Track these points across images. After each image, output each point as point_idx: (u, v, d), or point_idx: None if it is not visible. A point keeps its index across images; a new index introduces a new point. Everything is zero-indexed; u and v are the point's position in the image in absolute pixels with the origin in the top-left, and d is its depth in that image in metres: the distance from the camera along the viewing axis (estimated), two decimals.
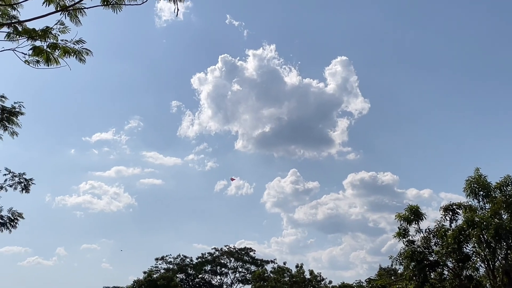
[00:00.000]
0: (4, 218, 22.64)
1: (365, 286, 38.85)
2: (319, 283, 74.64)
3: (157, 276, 69.22)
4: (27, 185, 23.06)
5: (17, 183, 22.84)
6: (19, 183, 22.88)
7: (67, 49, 11.58)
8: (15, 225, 22.80)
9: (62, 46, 11.55)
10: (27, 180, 23.03)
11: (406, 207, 26.41)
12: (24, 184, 22.98)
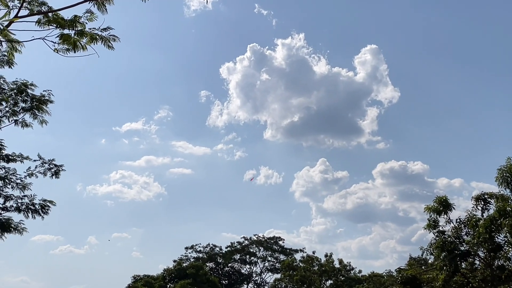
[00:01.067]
0: (36, 205, 22.90)
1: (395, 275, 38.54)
2: (348, 272, 74.43)
3: (187, 265, 69.71)
4: (57, 171, 23.26)
5: (47, 169, 23.04)
6: (49, 169, 23.08)
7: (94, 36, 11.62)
8: (47, 211, 23.06)
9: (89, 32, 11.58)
10: (57, 166, 23.24)
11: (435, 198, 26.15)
12: (54, 170, 23.18)
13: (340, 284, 73.04)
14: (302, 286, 68.01)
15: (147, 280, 66.85)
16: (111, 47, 11.88)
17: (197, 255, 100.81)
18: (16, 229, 22.73)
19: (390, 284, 51.68)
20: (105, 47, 11.80)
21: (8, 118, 22.32)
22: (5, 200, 22.78)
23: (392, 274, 62.35)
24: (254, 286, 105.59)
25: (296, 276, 67.99)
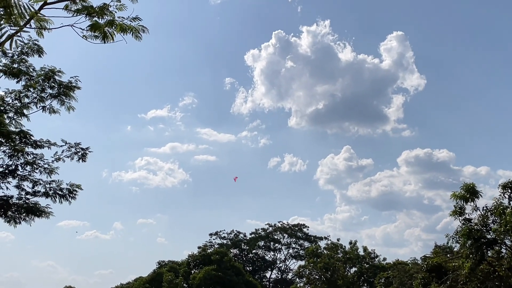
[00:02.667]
0: (63, 190, 23.15)
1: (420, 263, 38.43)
2: (372, 260, 74.32)
3: (211, 251, 70.11)
4: (84, 154, 23.45)
5: (74, 153, 23.25)
6: (76, 153, 23.29)
7: (123, 26, 11.69)
8: (75, 196, 23.31)
9: (119, 23, 11.67)
10: (83, 150, 23.42)
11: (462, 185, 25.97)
12: (81, 153, 23.39)
13: (364, 271, 72.98)
14: (326, 273, 68.08)
15: (172, 266, 67.45)
16: (139, 37, 11.96)
17: (222, 241, 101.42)
18: (43, 213, 23.02)
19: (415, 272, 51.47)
20: (133, 38, 11.89)
21: (36, 104, 22.60)
22: (33, 185, 23.07)
23: (417, 262, 62.05)
24: (278, 273, 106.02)
25: (320, 263, 68.06)
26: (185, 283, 65.41)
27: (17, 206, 22.75)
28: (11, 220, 22.78)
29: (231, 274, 63.63)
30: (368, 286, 71.57)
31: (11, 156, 22.65)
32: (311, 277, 71.70)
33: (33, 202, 23.04)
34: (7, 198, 22.78)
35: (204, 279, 62.41)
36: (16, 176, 22.86)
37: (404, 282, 59.58)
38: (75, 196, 23.39)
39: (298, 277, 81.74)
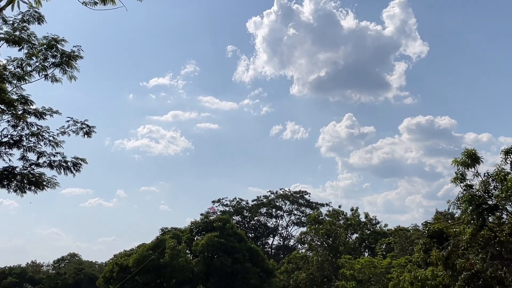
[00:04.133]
0: (68, 162, 23.24)
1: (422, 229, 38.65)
2: (374, 226, 74.82)
3: (214, 218, 70.54)
4: (89, 131, 23.53)
5: (79, 128, 23.31)
6: (81, 128, 23.35)
7: None
8: (79, 169, 23.41)
9: None
10: (89, 127, 23.50)
11: (463, 151, 25.98)
12: (86, 130, 23.46)
13: (366, 237, 73.50)
14: (328, 239, 68.57)
15: (175, 233, 67.90)
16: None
17: (224, 208, 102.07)
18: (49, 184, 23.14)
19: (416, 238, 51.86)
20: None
21: (38, 73, 22.56)
22: (38, 157, 23.15)
23: (418, 228, 62.50)
24: (280, 239, 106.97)
25: (321, 230, 68.50)
26: (188, 249, 65.96)
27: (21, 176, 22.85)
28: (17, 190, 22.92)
29: (234, 241, 64.11)
30: (369, 252, 72.13)
31: (14, 126, 22.68)
32: (313, 243, 72.22)
33: (38, 173, 23.14)
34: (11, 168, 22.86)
35: (207, 246, 62.91)
36: (21, 147, 22.92)
37: (405, 248, 60.05)
38: (79, 169, 23.51)
39: (300, 243, 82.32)
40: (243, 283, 61.51)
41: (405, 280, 30.10)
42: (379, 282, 50.85)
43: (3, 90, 21.81)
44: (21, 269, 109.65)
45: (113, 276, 63.13)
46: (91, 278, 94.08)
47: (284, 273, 72.15)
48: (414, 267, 34.48)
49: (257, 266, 64.23)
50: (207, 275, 62.95)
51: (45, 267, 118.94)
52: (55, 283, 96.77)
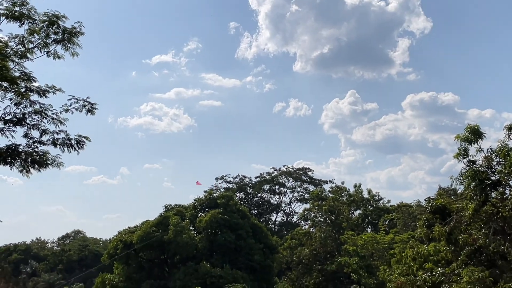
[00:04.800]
0: (72, 140, 23.25)
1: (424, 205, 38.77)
2: (377, 202, 75.02)
3: (217, 195, 70.76)
4: (91, 108, 23.50)
5: (82, 106, 23.29)
6: (84, 106, 23.33)
7: None
8: (82, 146, 23.42)
9: None
10: (91, 104, 23.46)
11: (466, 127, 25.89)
12: (88, 107, 23.43)
13: (369, 214, 73.76)
14: (331, 215, 68.82)
15: (178, 210, 68.16)
16: None
17: (227, 185, 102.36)
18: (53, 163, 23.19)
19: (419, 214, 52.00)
20: None
21: (40, 49, 22.47)
22: (41, 134, 23.15)
23: (421, 204, 62.65)
24: (283, 216, 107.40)
25: (325, 206, 68.71)
26: (191, 226, 66.28)
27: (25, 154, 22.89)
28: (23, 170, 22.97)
29: (237, 217, 64.39)
30: (372, 228, 72.46)
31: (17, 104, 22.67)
32: (316, 219, 72.51)
33: (43, 151, 23.17)
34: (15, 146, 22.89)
35: (210, 222, 63.21)
36: (24, 125, 22.92)
37: (408, 224, 60.29)
38: (83, 147, 23.50)
39: (303, 220, 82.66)
40: (246, 259, 61.91)
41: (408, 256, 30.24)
42: (381, 257, 51.13)
43: (6, 68, 21.75)
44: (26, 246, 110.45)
45: (117, 253, 63.56)
46: (96, 254, 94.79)
47: (287, 249, 72.51)
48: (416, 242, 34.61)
49: (260, 242, 64.59)
50: (210, 251, 63.36)
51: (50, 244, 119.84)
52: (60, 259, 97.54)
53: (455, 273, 25.52)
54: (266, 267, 63.23)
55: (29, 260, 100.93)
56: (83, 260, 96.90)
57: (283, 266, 73.25)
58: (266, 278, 62.00)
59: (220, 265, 59.47)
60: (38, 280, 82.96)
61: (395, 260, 33.48)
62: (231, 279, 53.29)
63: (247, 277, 57.41)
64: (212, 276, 56.54)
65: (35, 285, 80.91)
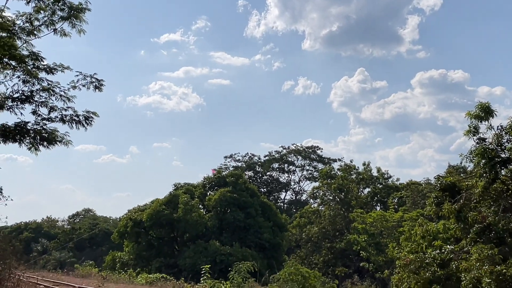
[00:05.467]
0: (80, 116, 23.23)
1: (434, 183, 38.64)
2: (386, 180, 74.96)
3: (226, 174, 70.88)
4: (98, 85, 23.43)
5: (89, 82, 23.22)
6: (91, 82, 23.25)
7: None
8: (91, 122, 23.40)
9: None
10: (98, 80, 23.38)
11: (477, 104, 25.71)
12: (96, 84, 23.36)
13: (378, 192, 73.78)
14: (340, 194, 68.93)
15: (187, 188, 68.34)
16: None
17: (236, 164, 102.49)
18: (62, 141, 23.22)
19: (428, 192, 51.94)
20: None
21: (47, 27, 22.40)
22: (49, 111, 23.15)
23: (430, 182, 62.58)
24: (292, 194, 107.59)
25: (334, 184, 68.81)
26: (200, 204, 66.51)
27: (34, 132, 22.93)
28: (31, 147, 23.02)
29: (246, 196, 64.52)
30: (381, 206, 72.50)
31: (25, 81, 22.67)
32: (325, 198, 72.68)
33: (51, 129, 23.20)
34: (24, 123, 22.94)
35: (220, 201, 63.40)
36: (33, 102, 22.93)
37: (417, 202, 60.27)
38: (91, 123, 23.48)
39: (312, 198, 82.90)
40: (255, 237, 62.13)
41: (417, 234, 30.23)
42: (390, 235, 51.22)
43: (14, 46, 21.74)
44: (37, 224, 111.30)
45: (127, 231, 63.93)
46: (106, 232, 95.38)
47: (296, 227, 72.79)
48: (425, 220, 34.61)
49: (269, 221, 64.75)
50: (220, 230, 63.62)
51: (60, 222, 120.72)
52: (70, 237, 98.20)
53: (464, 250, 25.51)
54: (275, 245, 63.44)
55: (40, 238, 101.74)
56: (94, 238, 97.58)
57: (292, 244, 73.57)
58: (275, 256, 62.21)
59: (230, 243, 59.73)
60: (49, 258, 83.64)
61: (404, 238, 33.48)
62: (241, 257, 53.46)
63: (256, 255, 57.63)
64: (222, 254, 56.81)
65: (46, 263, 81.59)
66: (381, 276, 46.78)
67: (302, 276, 35.48)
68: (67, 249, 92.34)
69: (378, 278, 49.73)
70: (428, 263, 26.15)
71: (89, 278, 53.99)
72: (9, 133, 22.46)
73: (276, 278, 36.17)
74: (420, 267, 26.28)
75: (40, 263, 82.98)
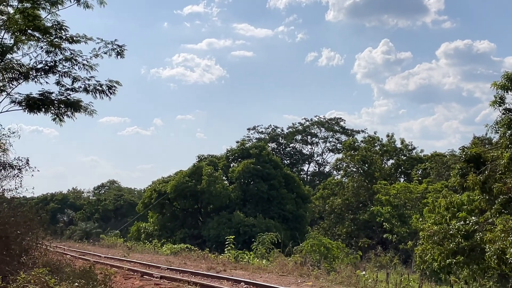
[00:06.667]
0: (103, 86, 23.33)
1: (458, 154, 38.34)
2: (410, 152, 74.50)
3: (250, 145, 70.92)
4: (120, 51, 23.40)
5: (111, 49, 23.22)
6: (113, 49, 23.25)
7: None
8: (114, 92, 23.49)
9: None
10: (120, 46, 23.36)
11: (503, 74, 25.35)
12: (117, 50, 23.35)
13: (402, 163, 73.42)
14: (363, 165, 68.70)
15: (211, 160, 68.53)
16: None
17: (259, 136, 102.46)
18: (86, 110, 23.39)
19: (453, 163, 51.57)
20: None
21: None
22: (73, 81, 23.29)
23: (455, 153, 62.07)
24: (315, 166, 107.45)
25: (357, 156, 68.57)
26: (224, 176, 66.75)
27: (58, 101, 23.13)
28: (56, 117, 23.23)
29: (269, 167, 64.54)
30: (405, 178, 72.20)
31: (48, 52, 22.77)
32: (348, 169, 72.52)
33: (75, 99, 23.38)
34: (48, 93, 23.13)
35: (243, 172, 63.55)
36: (56, 73, 23.07)
37: (442, 173, 59.91)
38: (114, 92, 23.58)
39: (335, 170, 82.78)
40: (279, 209, 62.29)
41: (441, 205, 30.14)
42: (414, 207, 51.10)
43: (38, 17, 21.83)
44: (63, 195, 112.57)
45: (152, 202, 64.51)
46: (131, 204, 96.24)
47: (319, 199, 72.84)
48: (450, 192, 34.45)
49: (292, 192, 64.83)
50: (243, 201, 63.86)
51: (86, 194, 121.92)
52: (96, 208, 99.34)
53: (489, 222, 25.39)
54: (298, 216, 63.57)
55: (66, 209, 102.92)
56: (119, 209, 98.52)
57: (315, 215, 73.71)
58: (298, 227, 62.33)
59: (253, 215, 59.96)
60: (75, 229, 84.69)
61: (428, 209, 33.38)
62: (264, 228, 53.66)
63: (279, 226, 57.80)
64: (245, 225, 57.10)
65: (72, 233, 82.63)
66: (404, 247, 46.78)
67: (325, 247, 35.58)
68: (93, 220, 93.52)
69: (402, 250, 49.73)
70: (452, 234, 26.10)
71: (114, 248, 54.79)
72: (34, 103, 22.68)
73: (299, 249, 36.31)
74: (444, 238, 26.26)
75: (66, 234, 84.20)
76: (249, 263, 35.00)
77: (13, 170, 21.91)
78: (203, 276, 25.82)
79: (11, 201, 19.80)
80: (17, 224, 16.44)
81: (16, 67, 22.84)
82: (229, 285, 22.41)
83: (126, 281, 24.53)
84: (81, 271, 19.00)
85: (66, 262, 25.31)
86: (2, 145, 24.20)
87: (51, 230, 46.78)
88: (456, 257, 25.58)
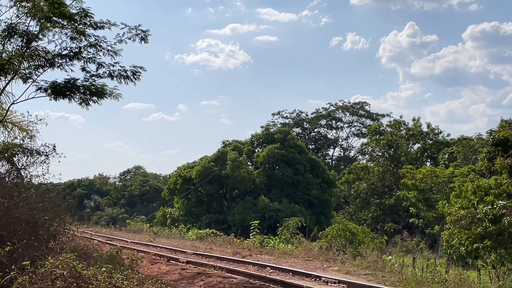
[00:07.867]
0: (127, 71, 23.38)
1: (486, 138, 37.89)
2: (436, 136, 73.80)
3: (274, 130, 70.86)
4: (144, 36, 23.38)
5: (135, 34, 23.21)
6: (137, 34, 23.24)
7: None
8: (138, 77, 23.53)
9: None
10: (143, 31, 23.33)
11: None
12: (141, 35, 23.33)
13: (428, 147, 72.78)
14: (389, 150, 68.28)
15: (236, 145, 68.72)
16: None
17: (284, 121, 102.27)
18: (112, 94, 23.50)
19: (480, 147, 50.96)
20: None
21: None
22: (97, 68, 23.38)
23: (482, 137, 61.32)
24: (340, 151, 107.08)
25: (383, 140, 68.14)
26: (249, 161, 66.88)
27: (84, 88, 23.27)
28: (82, 102, 23.40)
29: (294, 152, 64.51)
30: (431, 162, 71.58)
31: (73, 38, 22.86)
32: (374, 154, 72.14)
33: (100, 84, 23.50)
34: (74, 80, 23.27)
35: (268, 157, 63.60)
36: (81, 59, 23.18)
37: (469, 157, 59.28)
38: (139, 77, 23.63)
39: (361, 154, 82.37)
40: (304, 194, 62.31)
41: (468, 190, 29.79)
42: (441, 191, 50.60)
43: (63, 4, 21.90)
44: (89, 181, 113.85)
45: (177, 188, 64.92)
46: (156, 189, 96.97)
47: (345, 184, 72.64)
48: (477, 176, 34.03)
49: (318, 177, 64.77)
50: (268, 186, 63.95)
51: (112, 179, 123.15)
52: (122, 194, 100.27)
53: None
54: (323, 201, 63.55)
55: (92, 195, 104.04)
56: (144, 194, 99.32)
57: (340, 200, 73.56)
58: (323, 212, 62.32)
59: (278, 200, 60.05)
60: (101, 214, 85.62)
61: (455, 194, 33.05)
62: (289, 213, 53.76)
63: (305, 211, 57.84)
64: (271, 210, 57.22)
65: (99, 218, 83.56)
66: (431, 232, 46.44)
67: (351, 232, 35.48)
68: (119, 205, 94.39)
69: (428, 234, 49.40)
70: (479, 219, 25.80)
71: (141, 233, 55.25)
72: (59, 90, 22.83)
73: (324, 234, 36.26)
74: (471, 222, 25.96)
75: (93, 219, 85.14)
76: (274, 248, 35.09)
77: (40, 156, 22.14)
78: (229, 261, 25.92)
79: (38, 187, 20.02)
80: (45, 209, 16.61)
81: (42, 54, 22.97)
82: (255, 270, 22.44)
83: (152, 265, 24.74)
84: (108, 256, 19.19)
85: (93, 247, 25.60)
86: (29, 132, 24.46)
87: (78, 215, 47.39)
88: (483, 242, 25.30)
